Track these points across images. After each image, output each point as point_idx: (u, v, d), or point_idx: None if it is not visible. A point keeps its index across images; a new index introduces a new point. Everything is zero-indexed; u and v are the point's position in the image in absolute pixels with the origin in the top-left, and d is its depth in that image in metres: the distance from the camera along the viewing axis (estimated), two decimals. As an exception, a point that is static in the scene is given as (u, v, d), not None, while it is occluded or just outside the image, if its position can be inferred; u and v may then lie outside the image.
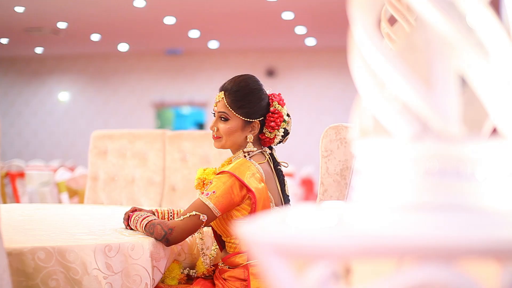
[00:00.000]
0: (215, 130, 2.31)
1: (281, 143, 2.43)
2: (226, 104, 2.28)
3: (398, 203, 0.88)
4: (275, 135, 2.36)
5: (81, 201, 5.84)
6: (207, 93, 14.88)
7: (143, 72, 15.27)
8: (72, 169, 9.46)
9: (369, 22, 0.94)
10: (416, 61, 1.04)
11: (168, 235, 2.14)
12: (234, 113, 2.28)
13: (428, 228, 0.79)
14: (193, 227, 2.15)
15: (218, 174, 2.24)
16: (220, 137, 2.32)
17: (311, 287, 0.79)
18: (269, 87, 2.45)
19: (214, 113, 2.35)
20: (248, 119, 2.30)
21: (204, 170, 2.35)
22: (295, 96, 13.74)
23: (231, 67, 14.79)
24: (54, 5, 10.22)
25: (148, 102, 15.25)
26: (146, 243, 2.12)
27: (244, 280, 2.21)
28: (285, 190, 2.38)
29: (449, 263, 0.79)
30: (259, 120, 2.32)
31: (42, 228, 2.32)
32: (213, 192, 2.16)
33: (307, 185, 9.94)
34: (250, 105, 2.30)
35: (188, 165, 3.78)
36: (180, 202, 3.74)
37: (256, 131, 2.33)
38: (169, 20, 11.38)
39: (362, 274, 0.96)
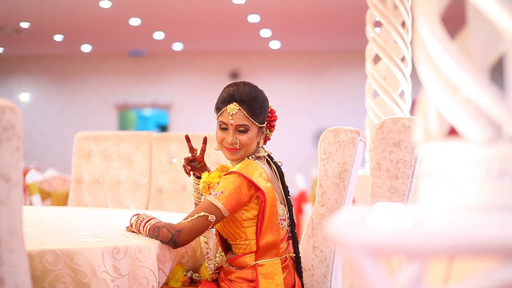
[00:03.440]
0: (238, 142, 2.27)
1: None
2: (246, 114, 2.26)
3: (470, 205, 0.91)
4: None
5: (54, 203, 5.74)
6: (171, 95, 14.80)
7: (106, 73, 15.08)
8: (37, 169, 9.30)
9: (436, 26, 0.96)
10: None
11: (175, 237, 2.13)
12: (254, 121, 2.28)
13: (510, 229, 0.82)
14: (201, 228, 2.14)
15: (225, 175, 2.24)
16: (239, 149, 2.29)
17: (403, 286, 0.81)
18: None
19: (223, 125, 2.30)
20: (262, 125, 2.32)
21: (209, 174, 2.35)
22: (259, 98, 13.69)
23: (195, 69, 14.75)
24: (17, 4, 10.03)
25: (111, 103, 15.07)
26: (153, 245, 2.11)
27: (252, 281, 2.21)
28: (284, 182, 2.40)
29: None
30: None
31: (43, 231, 2.29)
32: (222, 192, 2.16)
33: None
34: (265, 111, 2.33)
35: (175, 167, 3.76)
36: (167, 205, 3.72)
37: (264, 134, 2.36)
38: (134, 22, 11.28)
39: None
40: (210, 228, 2.19)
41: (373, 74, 4.22)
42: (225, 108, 2.28)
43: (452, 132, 1.03)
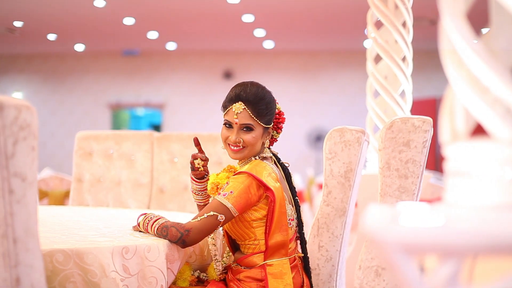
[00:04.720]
0: (241, 141, 2.29)
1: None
2: (251, 114, 2.27)
3: (497, 204, 0.91)
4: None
5: (51, 203, 5.72)
6: (164, 94, 14.77)
7: (99, 72, 15.03)
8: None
9: (464, 26, 0.97)
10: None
11: (184, 237, 2.13)
12: (259, 122, 2.29)
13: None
14: (211, 227, 2.14)
15: (234, 175, 2.24)
16: (243, 148, 2.30)
17: (439, 284, 0.82)
18: (226, 89, 2.47)
19: (228, 124, 2.32)
20: (268, 126, 2.33)
21: (217, 175, 2.35)
22: (252, 98, 13.67)
23: (189, 69, 14.73)
24: (10, 3, 9.99)
25: (104, 103, 15.02)
26: (162, 245, 2.11)
27: (261, 280, 2.22)
28: (291, 183, 2.41)
29: None
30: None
31: (49, 230, 2.28)
32: (231, 192, 2.16)
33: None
34: (271, 112, 2.33)
35: (177, 166, 3.76)
36: (169, 204, 3.72)
37: (270, 135, 2.37)
38: (128, 21, 11.25)
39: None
40: (219, 227, 2.19)
41: (374, 74, 4.24)
42: (231, 107, 2.30)
43: (475, 131, 1.04)
